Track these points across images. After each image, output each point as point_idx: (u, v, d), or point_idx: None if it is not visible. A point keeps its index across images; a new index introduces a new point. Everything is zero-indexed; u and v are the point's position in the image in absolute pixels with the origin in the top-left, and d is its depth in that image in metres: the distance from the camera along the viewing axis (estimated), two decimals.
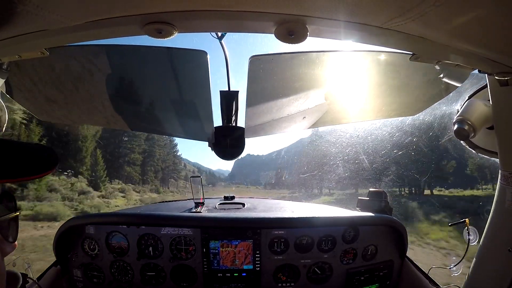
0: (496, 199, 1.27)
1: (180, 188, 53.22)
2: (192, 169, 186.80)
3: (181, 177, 59.25)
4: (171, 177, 55.96)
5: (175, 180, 56.48)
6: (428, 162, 21.15)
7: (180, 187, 53.80)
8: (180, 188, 52.99)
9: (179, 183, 55.87)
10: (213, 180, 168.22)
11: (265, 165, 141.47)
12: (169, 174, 55.11)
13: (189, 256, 1.96)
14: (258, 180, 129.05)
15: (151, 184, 47.05)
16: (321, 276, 2.01)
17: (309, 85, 1.48)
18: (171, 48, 1.21)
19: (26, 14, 0.66)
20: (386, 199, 2.16)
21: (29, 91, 1.55)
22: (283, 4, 0.67)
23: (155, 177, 50.39)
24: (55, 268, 1.93)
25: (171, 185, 54.70)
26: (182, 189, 51.86)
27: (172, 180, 55.90)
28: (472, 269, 1.37)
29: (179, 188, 53.83)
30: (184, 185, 52.86)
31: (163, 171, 54.12)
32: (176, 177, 56.93)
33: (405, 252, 2.05)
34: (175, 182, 55.92)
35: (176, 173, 56.99)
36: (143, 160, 47.15)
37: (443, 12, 0.65)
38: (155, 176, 50.51)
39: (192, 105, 1.55)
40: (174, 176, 56.83)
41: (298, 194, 43.48)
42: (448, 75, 1.30)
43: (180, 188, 53.43)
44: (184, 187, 51.90)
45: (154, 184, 48.33)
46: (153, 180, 49.25)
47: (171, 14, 0.71)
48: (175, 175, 56.92)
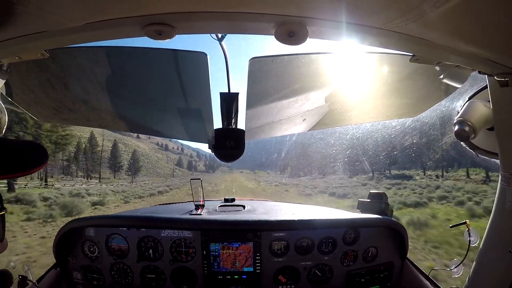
0: (497, 200, 1.27)
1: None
2: (190, 153, 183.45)
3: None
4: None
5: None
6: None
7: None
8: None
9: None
10: (213, 166, 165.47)
11: (270, 148, 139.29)
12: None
13: (189, 258, 1.95)
14: (263, 165, 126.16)
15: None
16: (322, 278, 2.01)
17: (309, 86, 1.48)
18: (171, 50, 1.21)
19: (26, 15, 0.66)
20: (386, 200, 2.16)
21: (29, 93, 1.55)
22: (283, 5, 0.67)
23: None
24: (55, 271, 1.93)
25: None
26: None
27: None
28: (473, 270, 1.36)
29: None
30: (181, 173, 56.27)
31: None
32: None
33: (405, 254, 2.04)
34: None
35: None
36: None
37: (443, 13, 0.65)
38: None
39: (192, 107, 1.55)
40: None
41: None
42: (448, 76, 1.29)
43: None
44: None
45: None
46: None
47: (171, 15, 0.71)
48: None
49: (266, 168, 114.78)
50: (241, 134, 1.45)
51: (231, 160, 1.48)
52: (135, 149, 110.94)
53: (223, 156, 1.46)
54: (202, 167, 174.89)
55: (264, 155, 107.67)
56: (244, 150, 1.47)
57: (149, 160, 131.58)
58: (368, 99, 1.65)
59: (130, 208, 17.18)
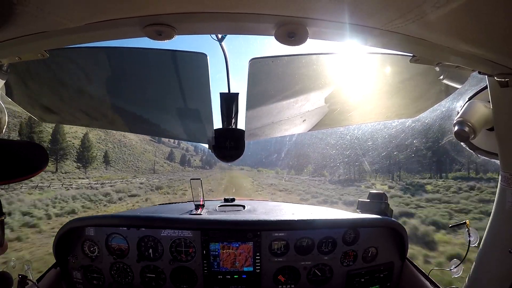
0: (497, 200, 1.27)
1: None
2: (186, 147, 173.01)
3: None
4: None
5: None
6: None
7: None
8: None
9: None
10: (210, 162, 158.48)
11: (268, 146, 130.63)
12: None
13: (189, 258, 1.95)
14: (262, 161, 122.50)
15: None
16: (322, 278, 2.01)
17: (309, 87, 1.48)
18: (170, 51, 1.21)
19: (26, 15, 0.66)
20: (386, 200, 2.16)
21: (29, 93, 1.55)
22: (283, 5, 0.67)
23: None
24: (55, 270, 1.93)
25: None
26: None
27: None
28: (473, 270, 1.37)
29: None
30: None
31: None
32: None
33: (405, 254, 2.04)
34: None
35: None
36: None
37: (443, 14, 0.65)
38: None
39: (192, 107, 1.55)
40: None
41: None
42: (448, 77, 1.29)
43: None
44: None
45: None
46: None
47: (171, 16, 0.71)
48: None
49: (273, 165, 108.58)
50: (241, 135, 1.45)
51: (230, 160, 1.49)
52: (119, 139, 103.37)
53: (223, 157, 1.47)
54: (198, 162, 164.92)
55: (268, 152, 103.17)
56: (244, 150, 1.47)
57: (133, 152, 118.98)
58: (368, 100, 1.65)
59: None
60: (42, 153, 0.79)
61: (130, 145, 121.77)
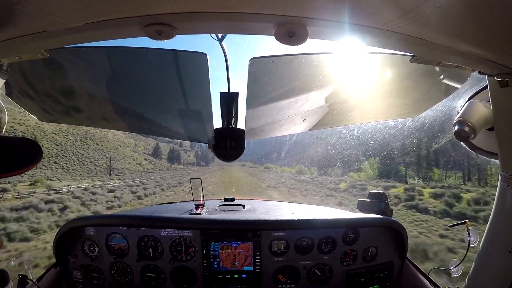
0: (497, 200, 1.27)
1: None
2: (179, 142, 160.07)
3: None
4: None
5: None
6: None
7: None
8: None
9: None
10: (207, 157, 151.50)
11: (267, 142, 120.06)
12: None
13: (189, 257, 1.95)
14: (261, 158, 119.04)
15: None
16: (321, 277, 2.01)
17: (309, 87, 1.47)
18: (171, 50, 1.21)
19: (26, 15, 0.66)
20: (386, 200, 2.16)
21: (29, 93, 1.55)
22: (283, 5, 0.67)
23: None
24: (55, 270, 1.93)
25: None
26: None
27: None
28: (473, 270, 1.37)
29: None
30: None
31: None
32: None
33: (405, 253, 2.05)
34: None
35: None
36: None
37: (443, 14, 0.65)
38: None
39: (192, 107, 1.55)
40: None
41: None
42: (448, 77, 1.29)
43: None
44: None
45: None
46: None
47: (171, 15, 0.71)
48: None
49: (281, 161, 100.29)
50: (241, 134, 1.45)
51: (231, 160, 1.49)
52: (87, 131, 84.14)
53: (223, 156, 1.47)
54: (193, 158, 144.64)
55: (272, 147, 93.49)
56: (244, 150, 1.47)
57: (101, 147, 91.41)
58: (368, 99, 1.65)
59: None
60: (35, 149, 0.80)
61: (101, 138, 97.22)
